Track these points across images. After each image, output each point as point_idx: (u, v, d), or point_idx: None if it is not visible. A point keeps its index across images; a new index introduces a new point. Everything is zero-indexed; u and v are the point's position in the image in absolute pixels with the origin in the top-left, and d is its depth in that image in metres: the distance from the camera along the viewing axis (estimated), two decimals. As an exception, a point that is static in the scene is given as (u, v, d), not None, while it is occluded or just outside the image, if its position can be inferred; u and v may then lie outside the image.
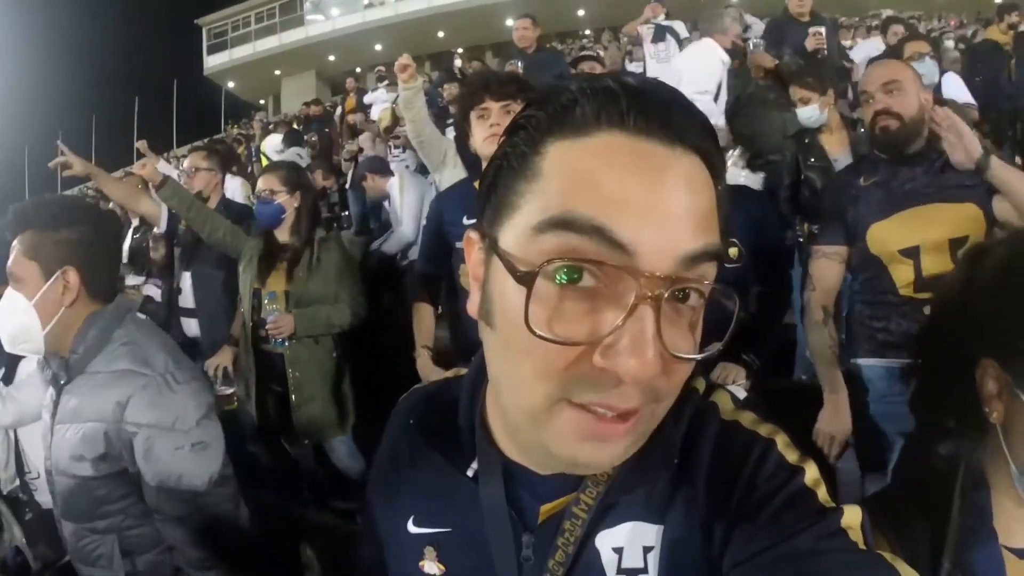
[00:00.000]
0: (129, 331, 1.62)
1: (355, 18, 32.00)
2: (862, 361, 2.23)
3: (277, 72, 34.42)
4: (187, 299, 3.63)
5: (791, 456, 0.66)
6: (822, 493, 0.63)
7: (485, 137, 2.24)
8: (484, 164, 2.35)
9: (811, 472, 0.64)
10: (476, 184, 2.34)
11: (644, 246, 0.52)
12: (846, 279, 2.32)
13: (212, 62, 35.91)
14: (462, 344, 2.50)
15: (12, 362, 2.33)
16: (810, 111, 3.50)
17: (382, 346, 3.20)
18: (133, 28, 57.41)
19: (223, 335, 3.38)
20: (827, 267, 2.21)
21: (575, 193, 0.54)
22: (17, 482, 2.35)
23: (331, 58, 32.71)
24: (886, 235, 2.11)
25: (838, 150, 3.52)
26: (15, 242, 1.55)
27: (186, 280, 3.62)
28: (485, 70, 4.82)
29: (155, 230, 3.91)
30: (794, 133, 3.63)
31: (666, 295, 0.53)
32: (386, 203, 4.90)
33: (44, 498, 2.21)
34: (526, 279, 0.54)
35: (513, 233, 0.57)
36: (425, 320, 2.62)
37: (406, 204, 4.55)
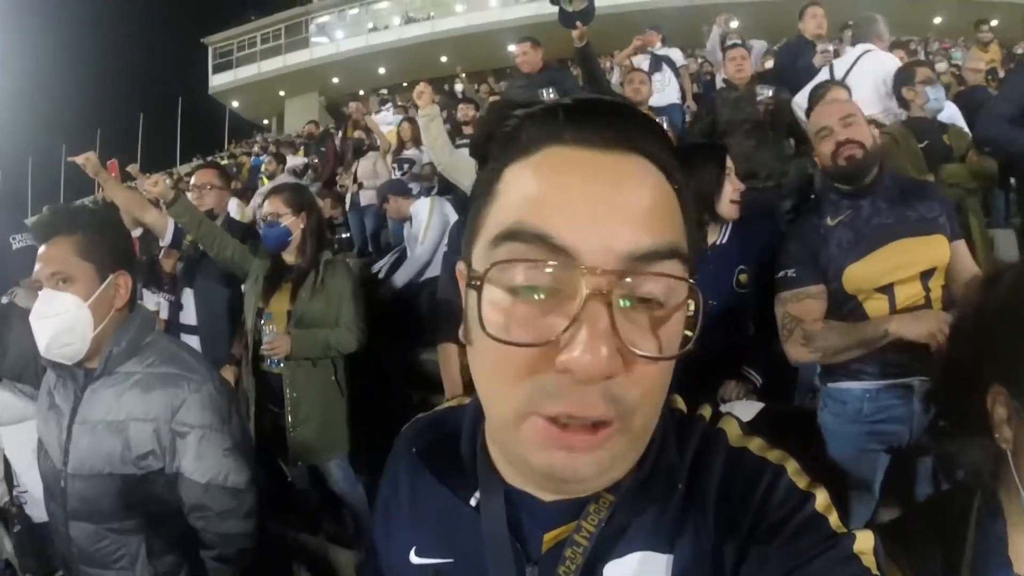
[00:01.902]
0: (162, 339, 1.73)
1: (359, 41, 32.39)
2: (840, 385, 2.24)
3: (281, 93, 34.67)
4: (188, 315, 3.60)
5: (801, 482, 0.66)
6: (834, 519, 0.63)
7: None
8: None
9: (822, 498, 0.64)
10: None
11: (586, 247, 0.54)
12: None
13: (217, 81, 36.16)
14: None
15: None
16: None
17: (382, 371, 3.19)
18: (139, 45, 58.13)
19: (224, 353, 3.36)
20: (813, 306, 2.21)
21: (522, 207, 0.57)
22: (7, 496, 2.32)
23: (335, 80, 32.98)
24: (862, 275, 2.14)
25: None
26: (57, 243, 1.58)
27: (188, 296, 3.60)
28: (501, 100, 4.82)
29: (161, 243, 3.90)
30: (805, 154, 3.61)
31: (618, 291, 0.54)
32: (407, 224, 4.88)
33: (34, 512, 2.19)
34: (477, 284, 0.57)
35: (477, 254, 0.60)
36: (450, 363, 2.53)
37: (432, 226, 4.51)
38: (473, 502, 0.73)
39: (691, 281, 0.57)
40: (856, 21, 4.80)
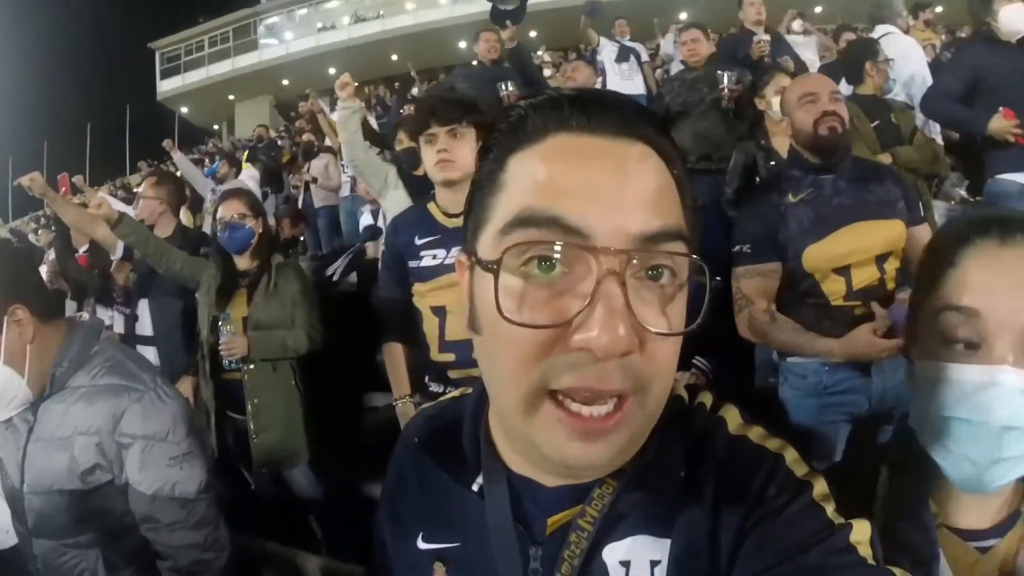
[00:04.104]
0: (108, 348, 1.66)
1: (309, 42, 32.05)
2: (799, 359, 2.27)
3: (231, 97, 34.14)
4: (144, 327, 3.59)
5: (800, 471, 0.67)
6: (831, 508, 0.64)
7: (435, 162, 2.25)
8: (436, 188, 2.34)
9: (820, 487, 0.66)
10: (429, 207, 2.39)
11: (597, 228, 0.56)
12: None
13: (165, 87, 35.52)
14: (423, 368, 2.46)
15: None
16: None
17: (342, 375, 3.22)
18: (85, 52, 56.66)
19: (182, 363, 3.35)
20: (765, 284, 2.24)
21: (531, 193, 0.58)
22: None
23: (285, 82, 32.57)
24: (821, 255, 2.17)
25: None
26: None
27: (143, 307, 3.58)
28: (430, 95, 4.84)
29: (112, 256, 3.88)
30: (746, 136, 3.68)
31: (630, 271, 0.56)
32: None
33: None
34: (492, 268, 0.58)
35: (485, 242, 0.62)
36: (399, 363, 2.53)
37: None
38: (475, 487, 0.74)
39: (697, 258, 0.59)
40: (874, 3, 4.84)
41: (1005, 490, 0.88)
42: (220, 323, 2.86)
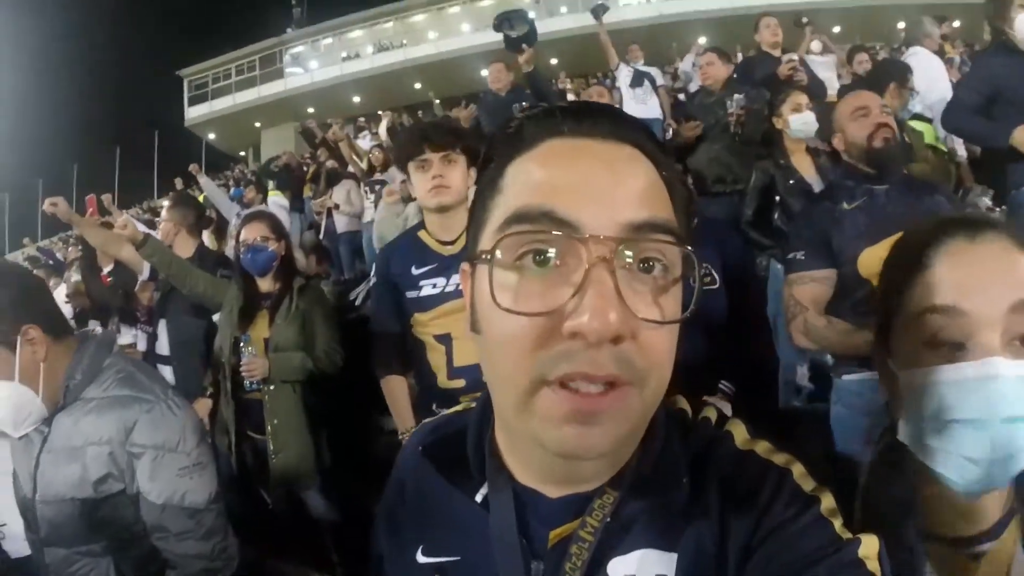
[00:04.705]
0: (119, 360, 1.70)
1: (333, 71, 32.51)
2: (854, 376, 2.25)
3: (257, 124, 34.62)
4: (162, 346, 3.64)
5: (807, 485, 0.67)
6: (838, 523, 0.64)
7: (428, 189, 2.24)
8: (427, 215, 2.33)
9: (827, 502, 0.65)
10: (420, 235, 2.37)
11: (588, 219, 0.58)
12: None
13: (193, 113, 36.07)
14: (423, 399, 2.45)
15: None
16: (805, 118, 3.53)
17: (360, 397, 3.22)
18: (115, 79, 57.89)
19: (196, 383, 3.37)
20: (818, 291, 2.24)
21: (526, 192, 0.61)
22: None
23: (310, 110, 32.99)
24: (877, 257, 2.15)
25: (810, 174, 3.56)
26: None
27: (162, 327, 3.63)
28: (422, 121, 4.94)
29: (140, 277, 3.94)
30: (767, 156, 3.68)
31: (620, 261, 0.58)
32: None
33: (12, 546, 2.15)
34: (487, 258, 0.60)
35: (484, 241, 0.64)
36: (399, 396, 2.50)
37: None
38: (479, 498, 0.74)
39: (689, 248, 0.60)
40: (907, 24, 4.91)
41: (997, 492, 0.87)
42: (241, 344, 2.89)
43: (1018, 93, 3.24)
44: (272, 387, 2.91)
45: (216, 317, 3.23)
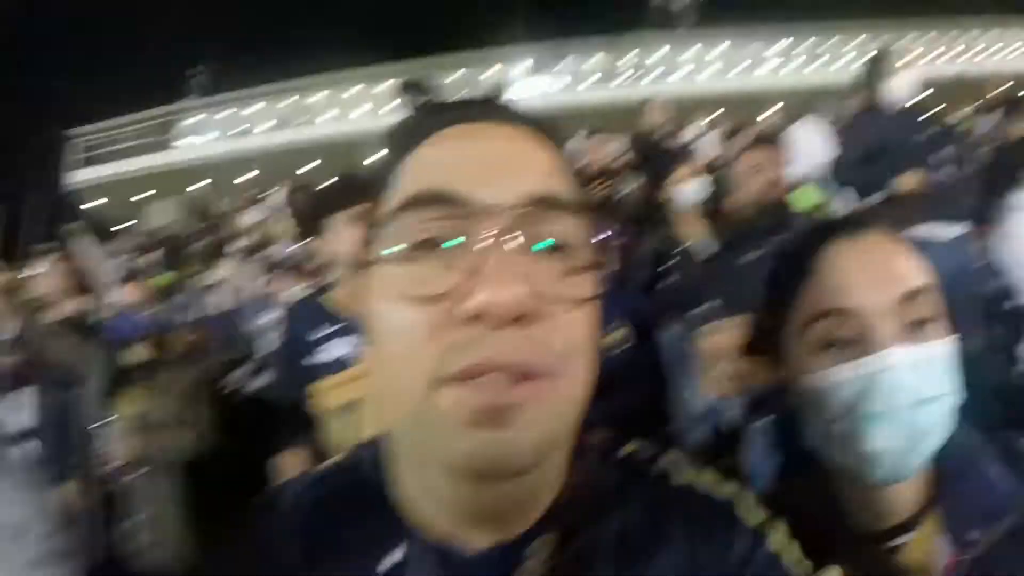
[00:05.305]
0: None
1: (226, 145, 32.09)
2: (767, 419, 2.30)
3: (145, 193, 33.51)
4: (25, 419, 3.34)
5: (753, 519, 0.63)
6: (792, 554, 0.62)
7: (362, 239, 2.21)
8: (340, 271, 2.26)
9: (778, 535, 0.63)
10: (321, 300, 2.35)
11: (481, 193, 0.55)
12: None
13: (78, 177, 34.64)
14: None
15: None
16: (689, 189, 3.69)
17: (245, 479, 3.18)
18: (-4, 137, 54.78)
19: (66, 462, 3.15)
20: (735, 337, 2.20)
21: (415, 179, 0.59)
22: None
23: (202, 182, 32.36)
24: None
25: (699, 233, 3.61)
26: None
27: (27, 397, 3.35)
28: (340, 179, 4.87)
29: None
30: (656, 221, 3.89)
31: (520, 236, 0.54)
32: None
33: None
34: (374, 259, 0.58)
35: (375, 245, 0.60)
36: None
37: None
38: (384, 568, 0.61)
39: (592, 227, 0.58)
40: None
41: (913, 483, 0.88)
42: (109, 421, 2.76)
43: (898, 145, 3.62)
44: (144, 469, 2.74)
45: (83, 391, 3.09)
